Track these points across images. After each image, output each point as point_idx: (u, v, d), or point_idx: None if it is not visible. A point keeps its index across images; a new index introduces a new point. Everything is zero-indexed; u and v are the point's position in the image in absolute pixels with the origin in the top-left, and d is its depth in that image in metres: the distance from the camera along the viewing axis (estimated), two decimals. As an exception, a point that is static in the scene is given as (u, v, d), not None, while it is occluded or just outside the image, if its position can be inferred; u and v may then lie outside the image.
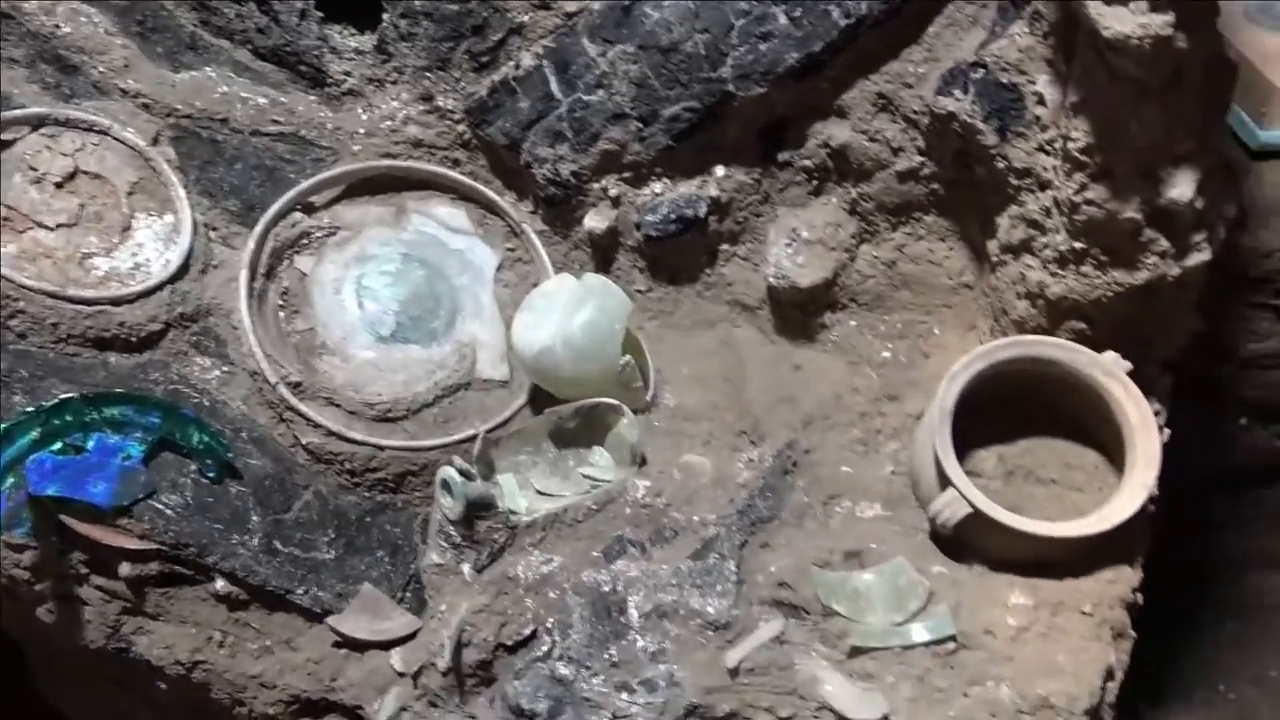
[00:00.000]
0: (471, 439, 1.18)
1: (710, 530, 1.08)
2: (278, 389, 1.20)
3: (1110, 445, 1.14)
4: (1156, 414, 1.15)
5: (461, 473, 1.02)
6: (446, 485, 1.03)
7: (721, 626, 1.01)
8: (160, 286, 1.20)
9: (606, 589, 1.05)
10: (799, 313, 1.33)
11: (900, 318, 1.31)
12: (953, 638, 0.97)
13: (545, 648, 1.02)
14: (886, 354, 1.31)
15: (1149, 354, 1.17)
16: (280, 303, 1.29)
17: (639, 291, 1.39)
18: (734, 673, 0.98)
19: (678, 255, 1.34)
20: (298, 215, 1.32)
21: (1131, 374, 1.07)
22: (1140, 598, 1.06)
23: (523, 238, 1.41)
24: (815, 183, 1.28)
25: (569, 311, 1.17)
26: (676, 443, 1.23)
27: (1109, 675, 0.99)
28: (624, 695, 0.98)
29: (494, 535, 1.07)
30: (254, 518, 1.17)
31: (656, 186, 1.30)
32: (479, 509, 1.05)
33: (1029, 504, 1.15)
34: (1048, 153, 1.02)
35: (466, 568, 1.07)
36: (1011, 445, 1.20)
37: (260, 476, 1.19)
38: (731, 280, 1.36)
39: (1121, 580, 1.03)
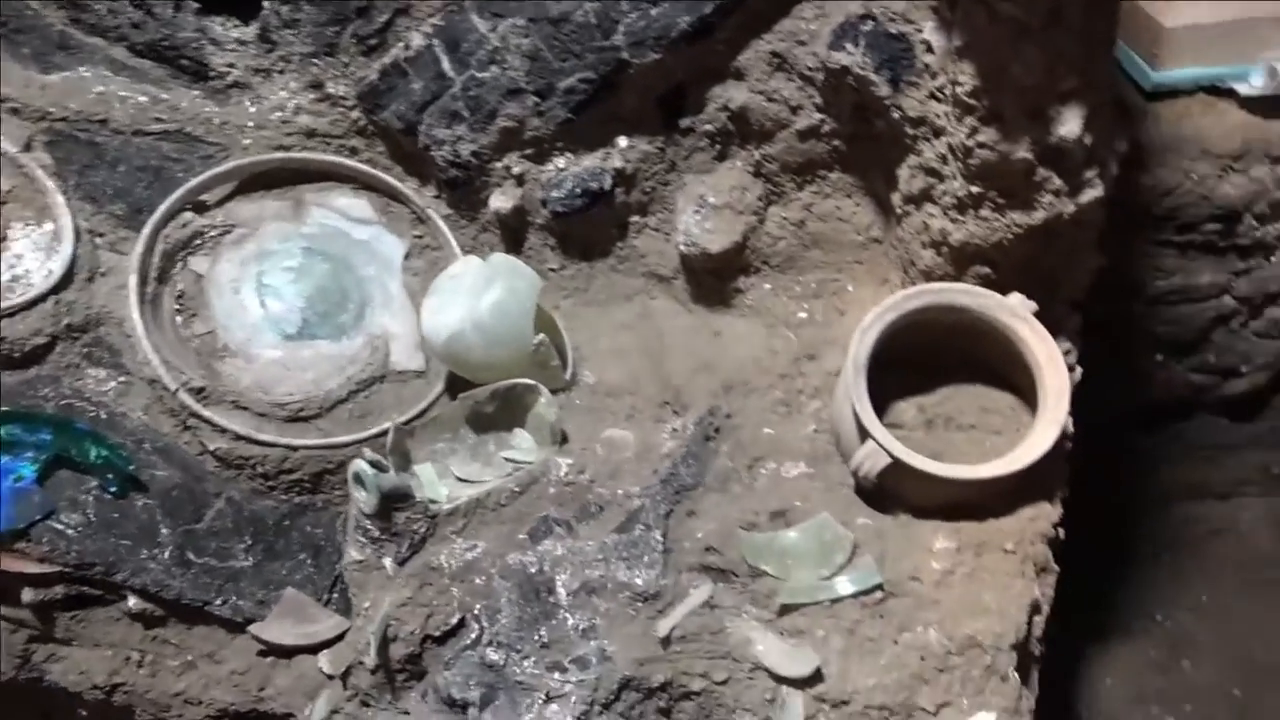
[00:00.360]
0: (386, 433, 1.15)
1: (635, 502, 1.07)
2: (179, 396, 1.15)
3: (1023, 386, 1.16)
4: (1066, 353, 1.16)
5: (374, 465, 0.99)
6: (359, 479, 1.00)
7: (651, 597, 1.00)
8: (43, 297, 1.14)
9: (533, 570, 1.03)
10: (713, 279, 1.32)
11: (814, 277, 1.31)
12: (879, 587, 0.98)
13: (474, 635, 1.00)
14: (803, 314, 1.31)
15: (1055, 294, 1.18)
16: (176, 307, 1.24)
17: (551, 269, 1.37)
18: (666, 642, 0.97)
19: (587, 230, 1.33)
20: (189, 215, 1.27)
21: (1038, 314, 1.09)
22: (1061, 532, 1.07)
23: (429, 223, 1.37)
24: (719, 147, 1.27)
25: (476, 294, 1.14)
26: (598, 418, 1.21)
27: (1035, 610, 1.00)
28: (556, 675, 0.96)
29: (414, 526, 1.04)
30: (163, 530, 1.12)
31: (560, 161, 1.27)
32: (395, 501, 1.02)
33: (950, 450, 1.16)
34: (939, 99, 1.02)
35: (388, 561, 1.04)
36: (930, 395, 1.21)
37: (167, 487, 1.14)
38: (644, 251, 1.35)
39: (1042, 516, 1.04)
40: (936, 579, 0.99)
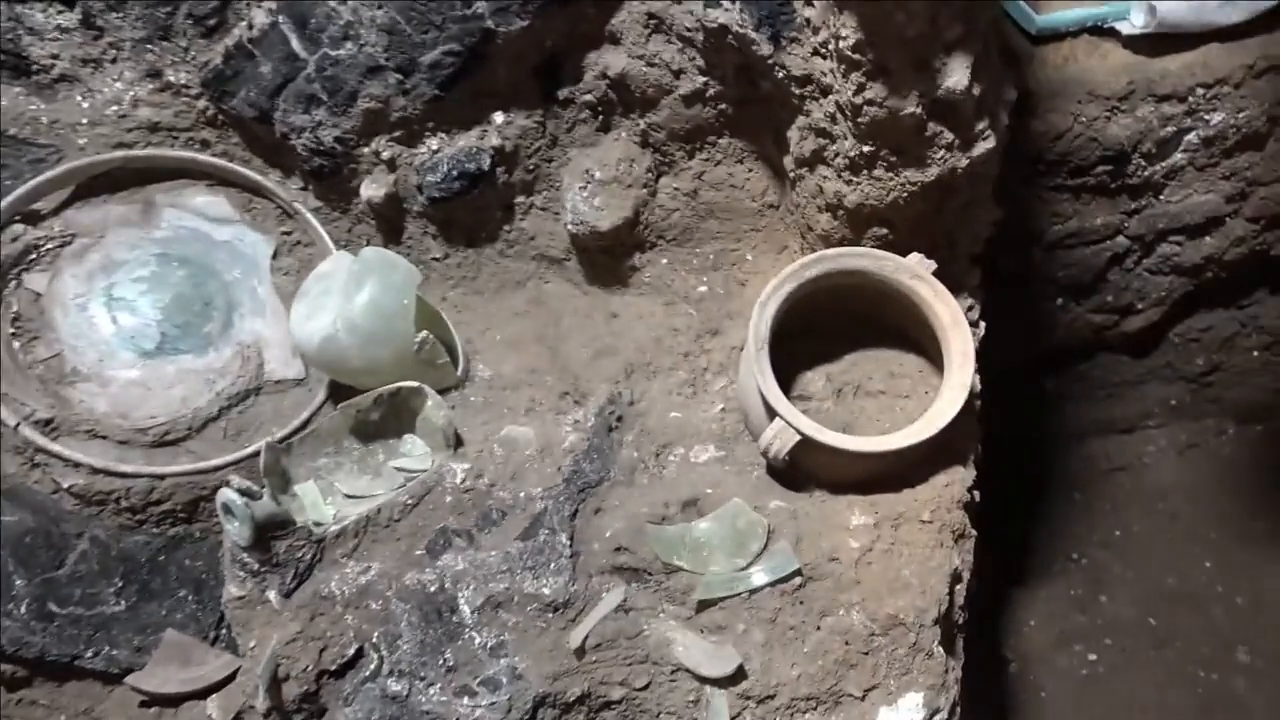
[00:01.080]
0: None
1: (538, 505, 1.00)
2: (20, 431, 1.03)
3: (929, 347, 1.13)
4: (969, 309, 1.14)
5: (244, 492, 0.90)
6: (228, 509, 0.91)
7: (561, 606, 0.94)
8: None
9: (433, 588, 0.96)
10: (607, 258, 1.25)
11: (711, 249, 1.25)
12: (798, 573, 0.94)
13: (373, 665, 0.93)
14: (702, 288, 1.25)
15: (954, 251, 1.15)
16: (12, 330, 1.11)
17: (434, 259, 1.28)
18: (580, 652, 0.92)
19: (470, 215, 1.24)
20: (19, 228, 1.14)
21: (938, 273, 1.05)
22: (977, 495, 1.05)
23: (297, 218, 1.27)
24: (601, 118, 1.19)
25: (347, 293, 1.05)
26: (496, 415, 1.14)
27: (955, 579, 0.98)
28: (465, 700, 0.90)
29: (297, 554, 0.95)
30: (18, 582, 1.01)
31: (432, 143, 1.18)
32: (272, 529, 0.93)
33: (861, 419, 1.13)
34: (823, 56, 0.96)
35: (272, 595, 0.95)
36: (837, 363, 1.17)
37: (19, 534, 1.03)
38: (533, 233, 1.27)
39: (956, 481, 1.02)
40: (855, 558, 0.95)
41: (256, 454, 1.08)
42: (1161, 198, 1.72)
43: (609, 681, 0.91)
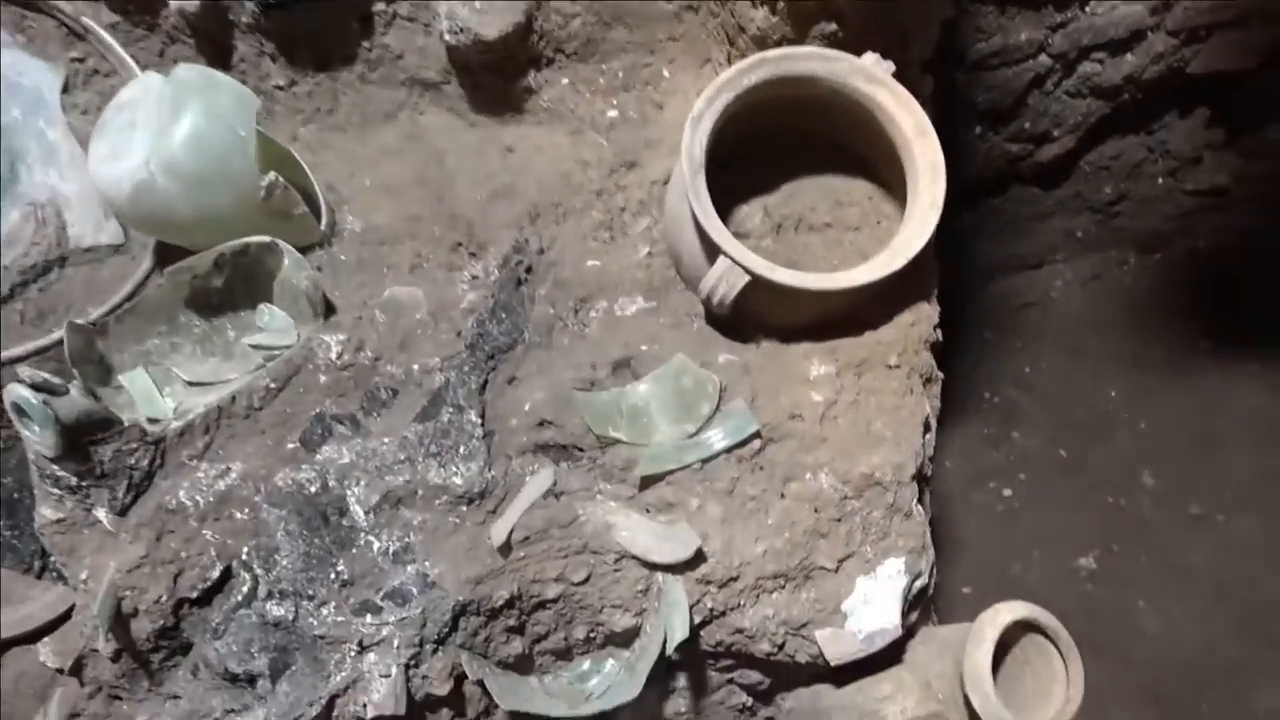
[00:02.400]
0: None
1: (437, 378, 0.82)
2: None
3: (883, 168, 0.98)
4: (925, 122, 0.98)
5: (39, 388, 0.68)
6: (21, 411, 0.69)
7: (476, 497, 0.77)
8: None
9: (314, 489, 0.77)
10: (495, 78, 1.03)
11: (620, 64, 1.04)
12: (757, 435, 0.80)
13: (246, 587, 0.75)
14: (613, 113, 1.05)
15: (907, 54, 0.98)
16: None
17: (277, 88, 1.02)
18: (505, 549, 0.76)
19: (316, 28, 0.98)
20: None
21: (897, 77, 0.89)
22: (940, 334, 0.93)
23: (89, 38, 0.98)
24: (477, -107, 0.94)
25: (161, 124, 0.80)
26: (374, 275, 0.93)
27: (926, 427, 0.86)
28: (368, 619, 0.73)
29: (128, 460, 0.75)
30: None
31: (258, -72, 0.91)
32: (88, 432, 0.72)
33: (806, 256, 0.98)
34: None
35: (102, 513, 0.75)
36: (775, 193, 1.01)
37: None
38: (400, 51, 1.02)
39: (922, 320, 0.89)
40: (820, 412, 0.81)
41: (62, 341, 0.85)
42: (1087, 9, 1.61)
43: (542, 579, 0.77)
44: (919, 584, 0.80)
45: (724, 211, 0.99)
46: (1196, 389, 1.98)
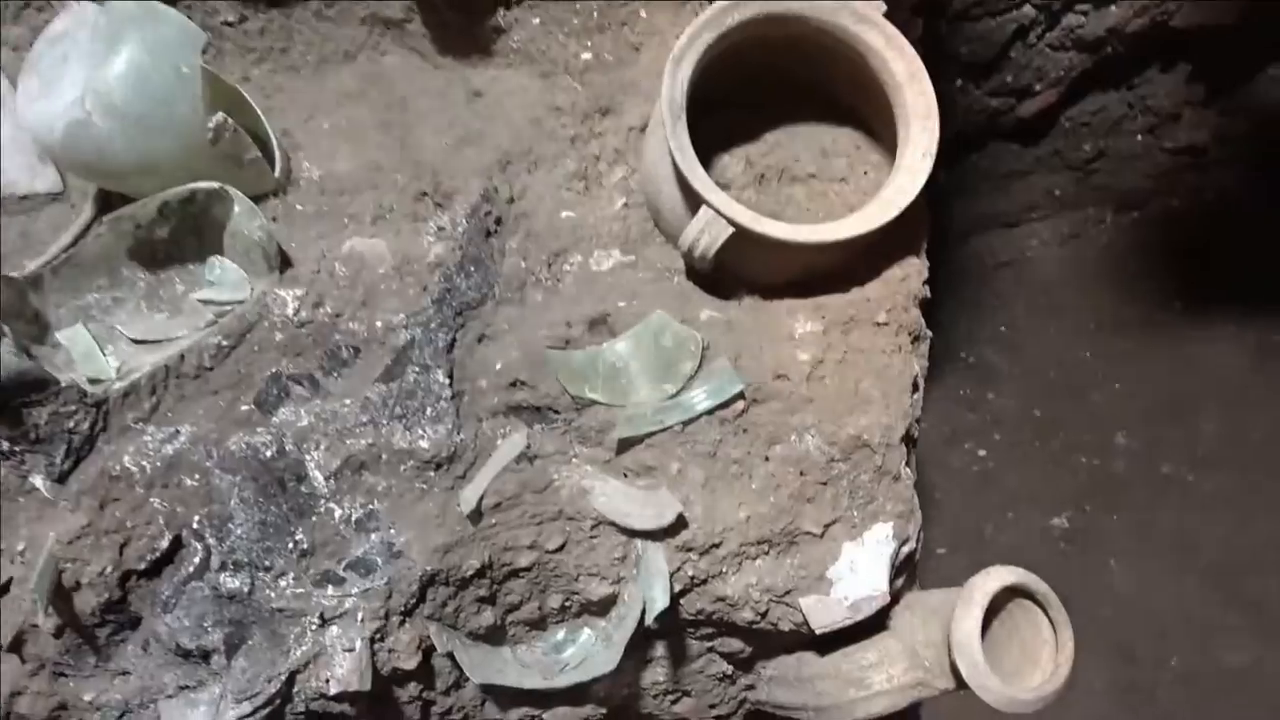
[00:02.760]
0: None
1: (402, 336, 0.77)
2: None
3: (871, 116, 0.93)
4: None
5: (-36, 345, 0.62)
6: (-56, 372, 0.63)
7: (445, 462, 0.73)
8: None
9: (270, 453, 0.72)
10: (461, 17, 0.96)
11: (595, 3, 0.98)
12: (740, 395, 0.76)
13: (198, 558, 0.70)
14: (586, 55, 0.99)
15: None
16: None
17: (226, 25, 0.95)
18: (476, 516, 0.72)
19: (268, -43, 0.91)
20: None
21: (888, 18, 0.84)
22: (929, 290, 0.89)
23: (17, -34, 0.90)
24: None
25: (95, 58, 0.73)
26: (333, 226, 0.87)
27: (915, 387, 0.83)
28: (330, 590, 0.69)
29: (67, 423, 0.69)
30: None
31: None
32: (21, 392, 0.66)
33: (789, 209, 0.93)
34: None
35: (39, 480, 0.69)
36: (758, 142, 0.96)
37: None
38: (359, -15, 0.96)
39: (911, 274, 0.85)
40: (806, 372, 0.78)
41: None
42: (1076, -46, 1.56)
43: (515, 546, 0.73)
44: (906, 549, 0.77)
45: (704, 161, 0.94)
46: (1170, 349, 1.98)
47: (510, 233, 0.86)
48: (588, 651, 0.78)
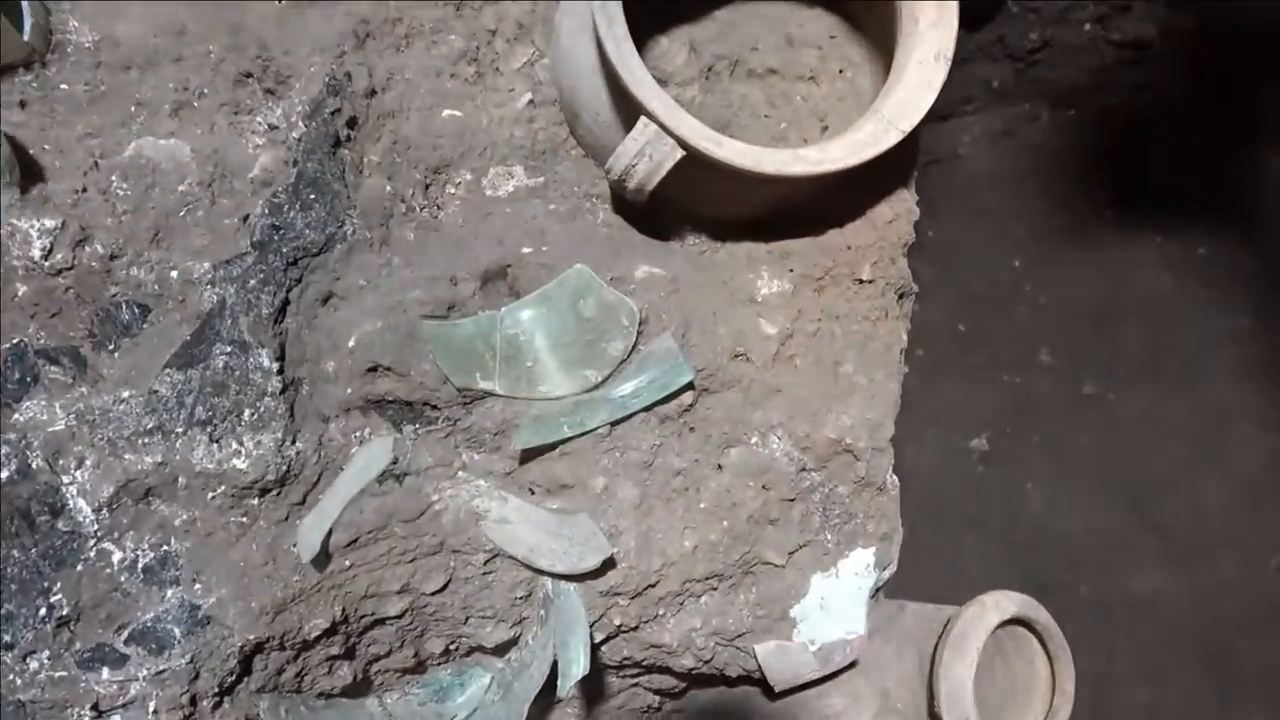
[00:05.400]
0: None
1: (207, 295, 0.53)
2: None
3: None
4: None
5: None
6: None
7: (274, 485, 0.51)
8: None
9: (7, 472, 0.49)
10: None
11: None
12: (689, 385, 0.56)
13: (-101, 632, 0.47)
14: (478, -114, 0.73)
15: None
16: None
17: None
18: (322, 559, 0.51)
19: None
20: None
21: None
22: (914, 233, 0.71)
23: None
24: None
25: None
26: (113, 119, 0.61)
27: (902, 359, 0.65)
28: (105, 674, 0.48)
29: None
30: None
31: None
32: None
33: (743, 115, 0.72)
34: None
35: None
36: (703, 22, 0.73)
37: None
38: None
39: (901, 214, 0.66)
40: (772, 350, 0.59)
41: None
42: None
43: (380, 593, 0.53)
44: (888, 574, 0.61)
45: (638, 44, 0.71)
46: (1098, 260, 1.88)
47: (369, 139, 0.61)
48: (480, 703, 0.60)
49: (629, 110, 0.57)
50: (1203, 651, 1.63)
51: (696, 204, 0.63)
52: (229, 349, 0.51)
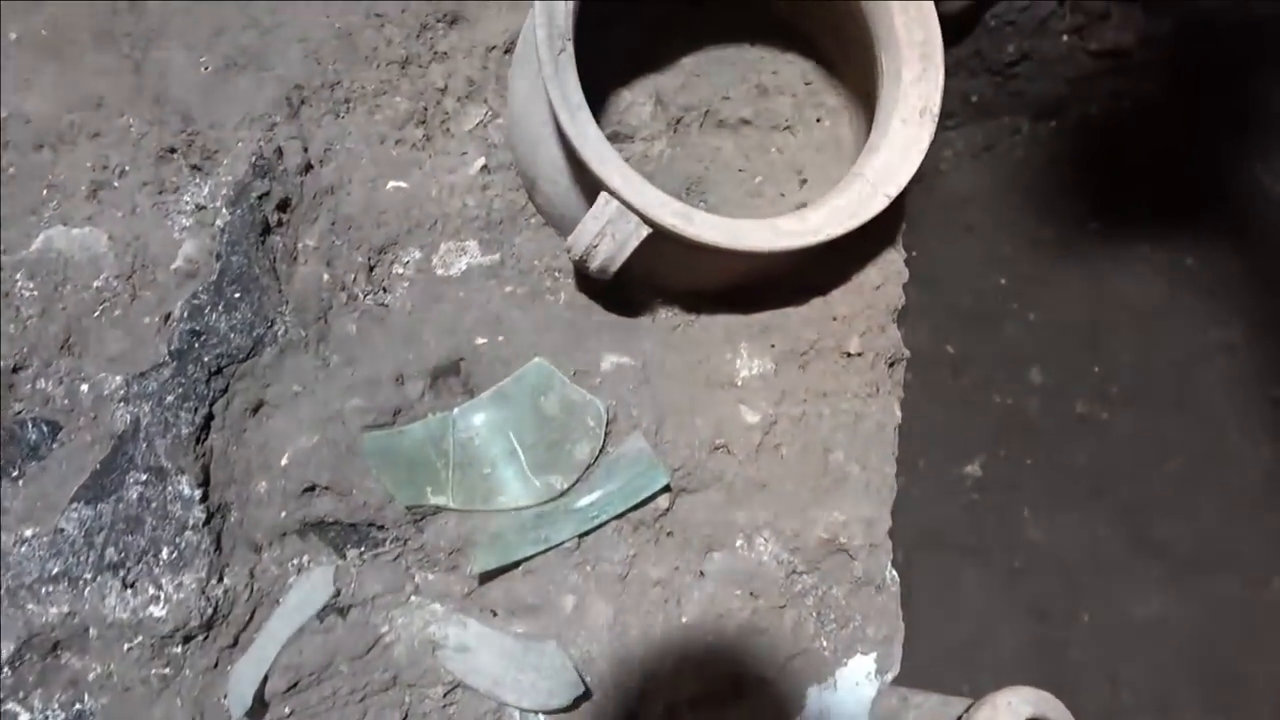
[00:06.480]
0: None
1: (120, 415, 0.47)
2: None
3: (824, 38, 0.67)
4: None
5: None
6: None
7: (199, 630, 0.45)
8: None
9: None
10: None
11: None
12: (665, 488, 0.51)
13: None
14: (422, -68, 0.67)
15: None
16: None
17: None
18: (258, 709, 0.46)
19: None
20: None
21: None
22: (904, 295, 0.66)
23: None
24: None
25: None
26: (22, 205, 0.56)
27: (895, 436, 0.60)
28: None
29: None
30: None
31: None
32: None
33: (714, 170, 0.67)
34: None
35: None
36: (670, 71, 0.69)
37: None
38: None
39: (890, 277, 0.61)
40: (755, 441, 0.53)
41: None
42: None
43: (325, 740, 0.47)
44: (890, 676, 0.56)
45: (600, 97, 0.66)
46: (1085, 274, 1.84)
47: (304, 222, 0.56)
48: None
49: (589, 183, 0.52)
50: (1210, 677, 1.58)
51: (667, 276, 0.58)
52: (144, 477, 0.45)
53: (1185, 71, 1.89)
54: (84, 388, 0.48)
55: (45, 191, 0.58)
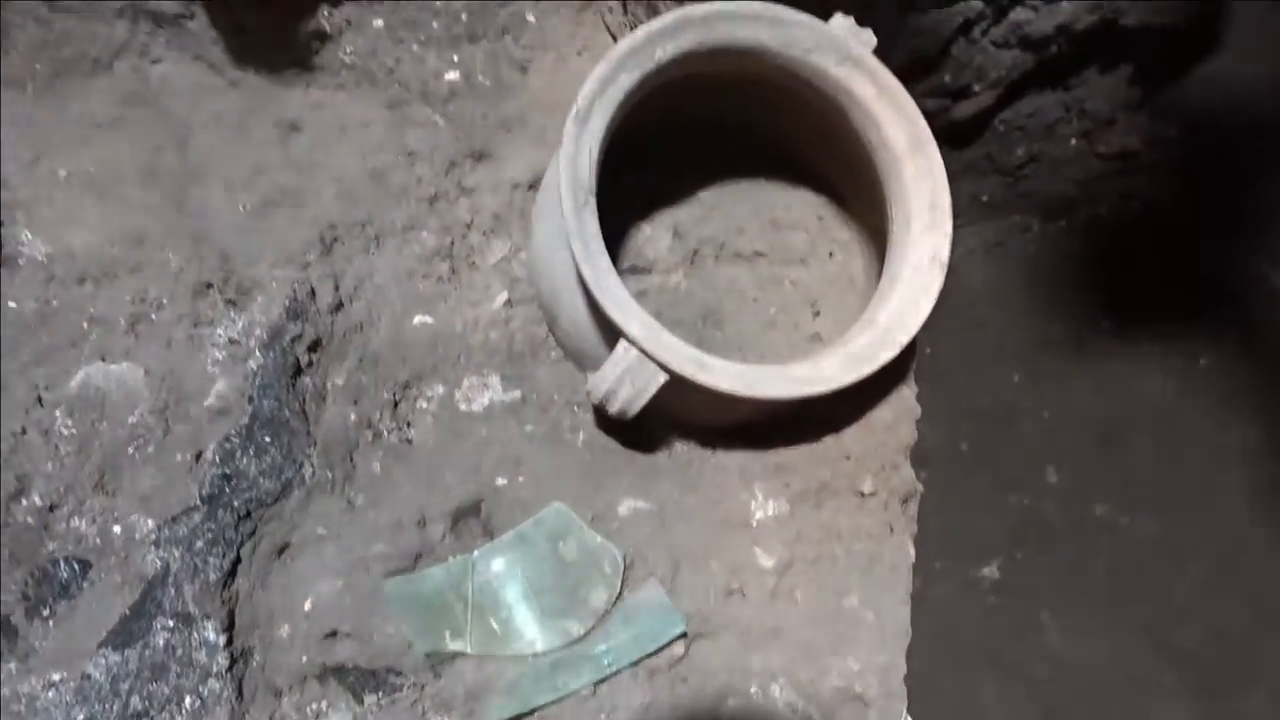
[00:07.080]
0: None
1: (150, 559, 0.49)
2: None
3: (839, 178, 0.70)
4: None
5: None
6: None
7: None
8: None
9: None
10: (267, 15, 0.67)
11: (463, 1, 0.70)
12: (681, 635, 0.51)
13: None
14: (452, 75, 0.71)
15: (871, 12, 0.69)
16: None
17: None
18: None
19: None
20: None
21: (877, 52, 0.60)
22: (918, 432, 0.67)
23: None
24: None
25: None
26: (63, 339, 0.58)
27: (910, 576, 0.60)
28: None
29: None
30: None
31: None
32: None
33: (729, 300, 0.69)
34: None
35: None
36: (688, 205, 0.71)
37: None
38: (106, -35, 0.65)
39: (903, 417, 0.62)
40: (770, 585, 0.54)
41: None
42: (1029, -51, 1.36)
43: None
44: (906, 827, 0.55)
45: (619, 231, 0.69)
46: (1099, 372, 1.84)
47: (334, 360, 0.58)
48: None
49: (608, 331, 0.54)
50: (1239, 796, 1.53)
51: (684, 414, 0.59)
52: (171, 623, 0.46)
53: (1192, 173, 1.93)
54: (116, 529, 0.50)
55: (86, 324, 0.60)
